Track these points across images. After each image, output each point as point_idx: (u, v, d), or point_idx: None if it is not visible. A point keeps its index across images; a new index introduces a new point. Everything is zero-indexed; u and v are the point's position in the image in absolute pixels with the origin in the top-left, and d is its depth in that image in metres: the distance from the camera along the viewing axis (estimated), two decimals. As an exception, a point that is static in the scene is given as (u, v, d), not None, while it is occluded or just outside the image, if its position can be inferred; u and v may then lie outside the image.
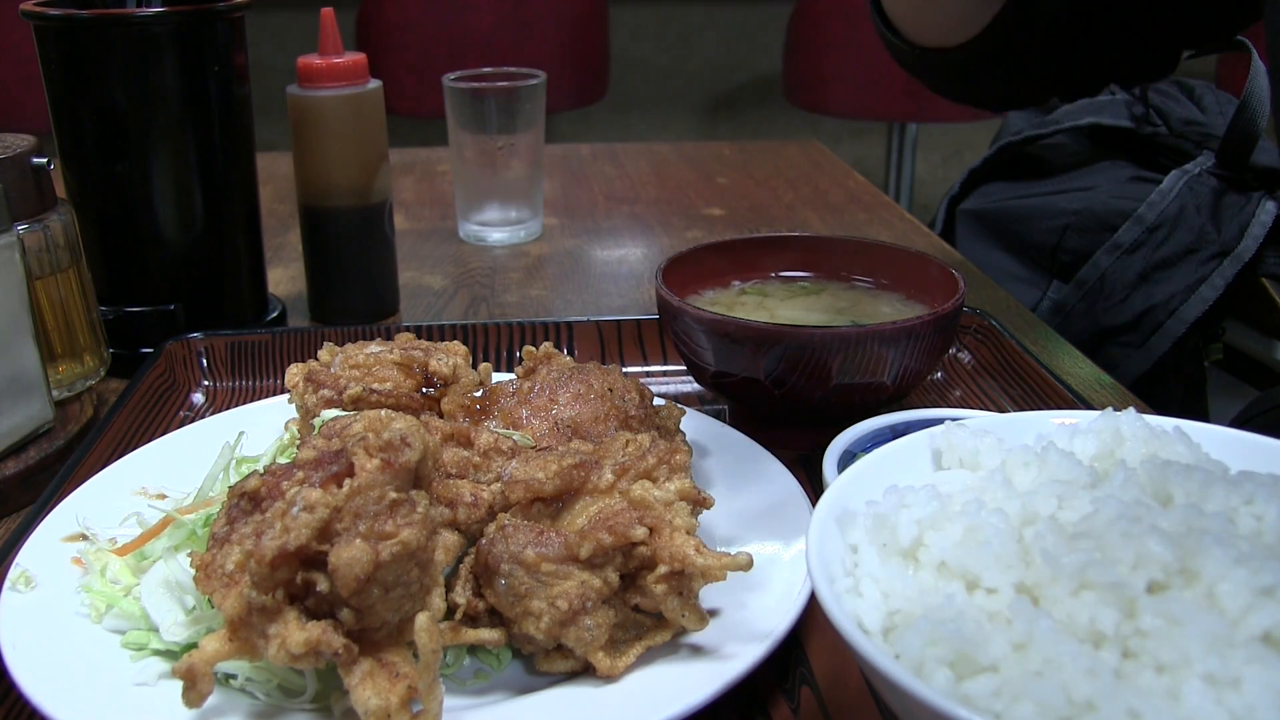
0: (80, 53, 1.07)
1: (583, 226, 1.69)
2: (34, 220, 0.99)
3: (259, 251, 1.24)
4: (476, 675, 0.68)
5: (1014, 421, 0.70)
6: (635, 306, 1.37)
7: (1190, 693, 0.46)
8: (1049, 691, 0.47)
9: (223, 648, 0.59)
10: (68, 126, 1.11)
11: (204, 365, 1.11)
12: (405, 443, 0.63)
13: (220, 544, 0.64)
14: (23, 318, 0.94)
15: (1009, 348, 1.08)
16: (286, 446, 0.86)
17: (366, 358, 0.86)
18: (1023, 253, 1.61)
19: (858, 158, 3.90)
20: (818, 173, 1.99)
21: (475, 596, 0.67)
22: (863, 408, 0.90)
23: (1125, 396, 1.09)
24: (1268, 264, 1.43)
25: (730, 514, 0.79)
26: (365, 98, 1.22)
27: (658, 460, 0.71)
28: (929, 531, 0.57)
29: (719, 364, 0.93)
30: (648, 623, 0.68)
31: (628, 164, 2.06)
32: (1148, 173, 1.54)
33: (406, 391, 0.84)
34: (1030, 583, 0.53)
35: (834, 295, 1.07)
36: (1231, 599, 0.49)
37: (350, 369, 0.85)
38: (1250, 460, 0.63)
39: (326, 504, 0.59)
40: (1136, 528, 0.52)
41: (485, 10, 3.11)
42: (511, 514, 0.69)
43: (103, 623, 0.70)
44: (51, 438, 0.98)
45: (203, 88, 1.11)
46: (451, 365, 0.85)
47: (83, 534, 0.78)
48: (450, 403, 0.83)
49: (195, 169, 1.13)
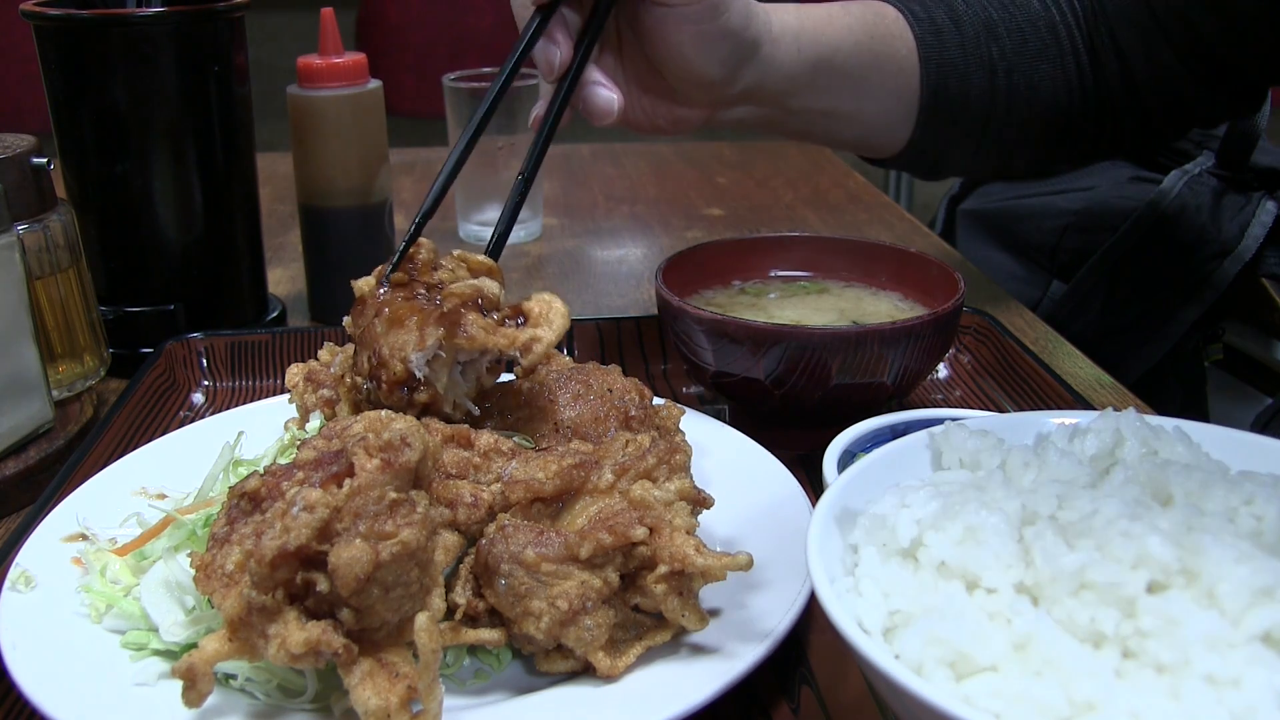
0: (80, 53, 1.07)
1: (583, 226, 1.69)
2: (34, 220, 0.99)
3: (259, 251, 1.24)
4: (476, 675, 0.68)
5: (1014, 421, 0.70)
6: (635, 306, 1.37)
7: (1190, 693, 0.46)
8: (1049, 691, 0.47)
9: (223, 648, 0.59)
10: (68, 126, 1.11)
11: (204, 365, 1.11)
12: (405, 443, 0.63)
13: (220, 544, 0.64)
14: (23, 318, 0.94)
15: (1009, 348, 1.08)
16: (287, 447, 0.86)
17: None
18: (1023, 253, 1.61)
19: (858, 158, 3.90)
20: (818, 173, 1.99)
21: (475, 596, 0.67)
22: (863, 408, 0.90)
23: (1125, 396, 1.09)
24: (1268, 264, 1.44)
25: (730, 514, 0.79)
26: (365, 98, 1.22)
27: (658, 460, 0.71)
28: (929, 531, 0.57)
29: (719, 364, 0.92)
30: (648, 623, 0.68)
31: (628, 164, 2.06)
32: (1148, 173, 1.54)
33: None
34: (1030, 583, 0.53)
35: (834, 295, 1.07)
36: (1231, 599, 0.49)
37: (322, 403, 0.85)
38: (1250, 460, 0.63)
39: (326, 504, 0.59)
40: (1136, 528, 0.52)
41: (485, 10, 3.12)
42: (511, 514, 0.69)
43: (103, 623, 0.70)
44: (51, 438, 0.98)
45: (203, 88, 1.11)
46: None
47: (83, 534, 0.78)
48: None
49: (195, 169, 1.13)
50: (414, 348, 0.74)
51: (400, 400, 0.75)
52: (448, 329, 0.74)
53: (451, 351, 0.75)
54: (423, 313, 0.76)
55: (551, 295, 0.79)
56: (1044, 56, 1.13)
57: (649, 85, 1.01)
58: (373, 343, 0.77)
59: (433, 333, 0.74)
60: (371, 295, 0.80)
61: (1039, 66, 1.13)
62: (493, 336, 0.75)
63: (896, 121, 1.13)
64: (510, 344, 0.75)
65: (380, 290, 0.80)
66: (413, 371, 0.75)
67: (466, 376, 0.78)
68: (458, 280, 0.80)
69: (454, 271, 0.82)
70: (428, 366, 0.75)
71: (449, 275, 0.81)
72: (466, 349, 0.75)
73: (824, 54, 1.03)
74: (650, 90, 1.01)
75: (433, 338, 0.74)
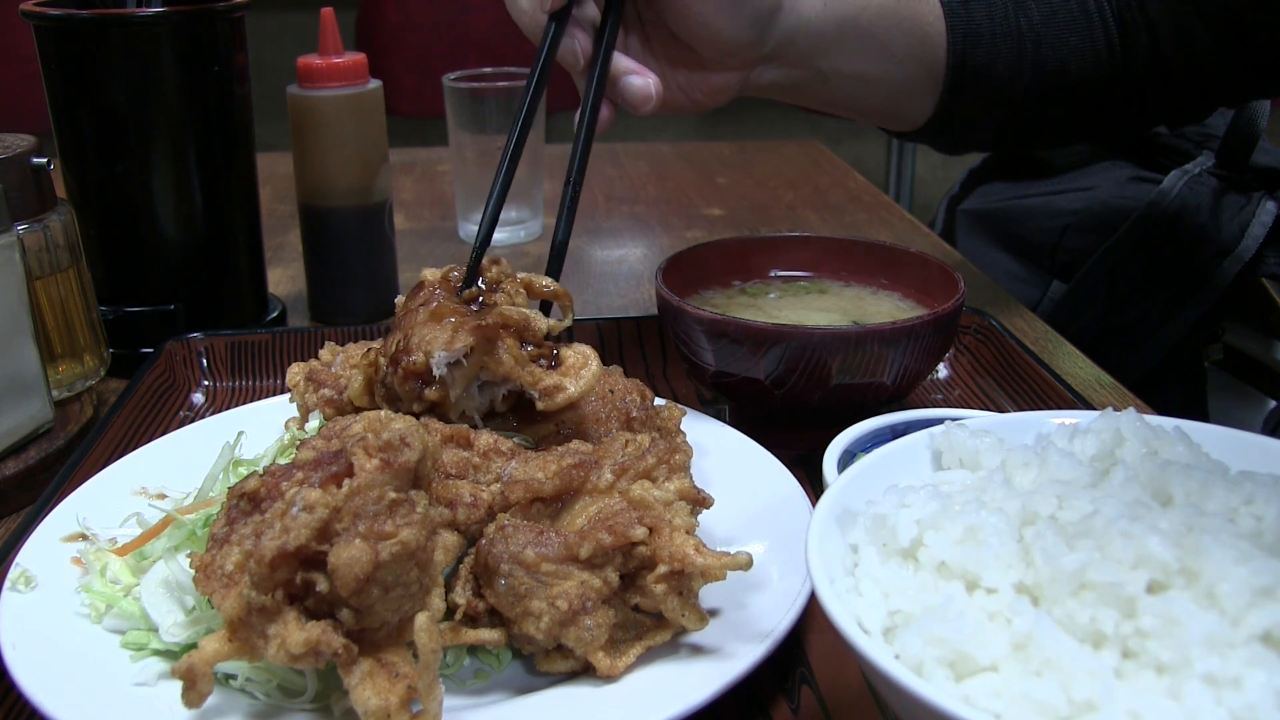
0: (80, 53, 1.07)
1: (583, 226, 1.68)
2: (34, 220, 0.99)
3: (259, 251, 1.24)
4: (476, 675, 0.68)
5: (1014, 421, 0.70)
6: (635, 306, 1.37)
7: (1190, 693, 0.46)
8: (1049, 691, 0.47)
9: (222, 648, 0.59)
10: (68, 126, 1.11)
11: (204, 365, 1.11)
12: (405, 443, 0.63)
13: (220, 544, 0.64)
14: (23, 318, 0.94)
15: (1009, 348, 1.08)
16: (287, 447, 0.86)
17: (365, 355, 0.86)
18: (1023, 253, 1.61)
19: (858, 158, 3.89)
20: (818, 173, 1.99)
21: (475, 596, 0.67)
22: (863, 408, 0.90)
23: (1125, 396, 1.09)
24: (1268, 264, 1.43)
25: (730, 514, 0.79)
26: (365, 98, 1.22)
27: (657, 460, 0.71)
28: (929, 531, 0.57)
29: (719, 364, 0.92)
30: (648, 623, 0.68)
31: (628, 164, 2.06)
32: (1148, 173, 1.54)
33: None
34: (1030, 583, 0.53)
35: (834, 295, 1.07)
36: (1231, 599, 0.49)
37: (351, 369, 0.85)
38: (1250, 460, 0.63)
39: (326, 504, 0.59)
40: (1136, 528, 0.52)
41: (485, 10, 3.11)
42: (511, 514, 0.69)
43: (103, 623, 0.70)
44: (51, 438, 0.98)
45: (203, 88, 1.11)
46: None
47: (83, 534, 0.78)
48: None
49: (195, 169, 1.13)
50: (441, 346, 0.75)
51: (411, 391, 0.76)
52: (479, 343, 0.75)
53: (475, 365, 0.75)
54: (463, 317, 0.76)
55: (591, 351, 0.79)
56: (1073, 28, 1.13)
57: (679, 60, 1.01)
58: (408, 328, 0.77)
59: (464, 339, 0.74)
60: (432, 286, 0.81)
61: (1068, 39, 1.13)
62: (519, 370, 0.75)
63: (923, 89, 1.13)
64: (534, 384, 0.76)
65: (437, 290, 0.80)
66: (431, 368, 0.75)
67: (483, 395, 0.78)
68: (514, 304, 0.81)
69: (511, 297, 0.83)
70: (447, 369, 0.75)
71: (505, 299, 0.82)
72: (491, 370, 0.75)
73: (850, 12, 1.03)
74: (681, 64, 1.01)
75: (462, 343, 0.74)
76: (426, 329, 0.76)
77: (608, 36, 0.94)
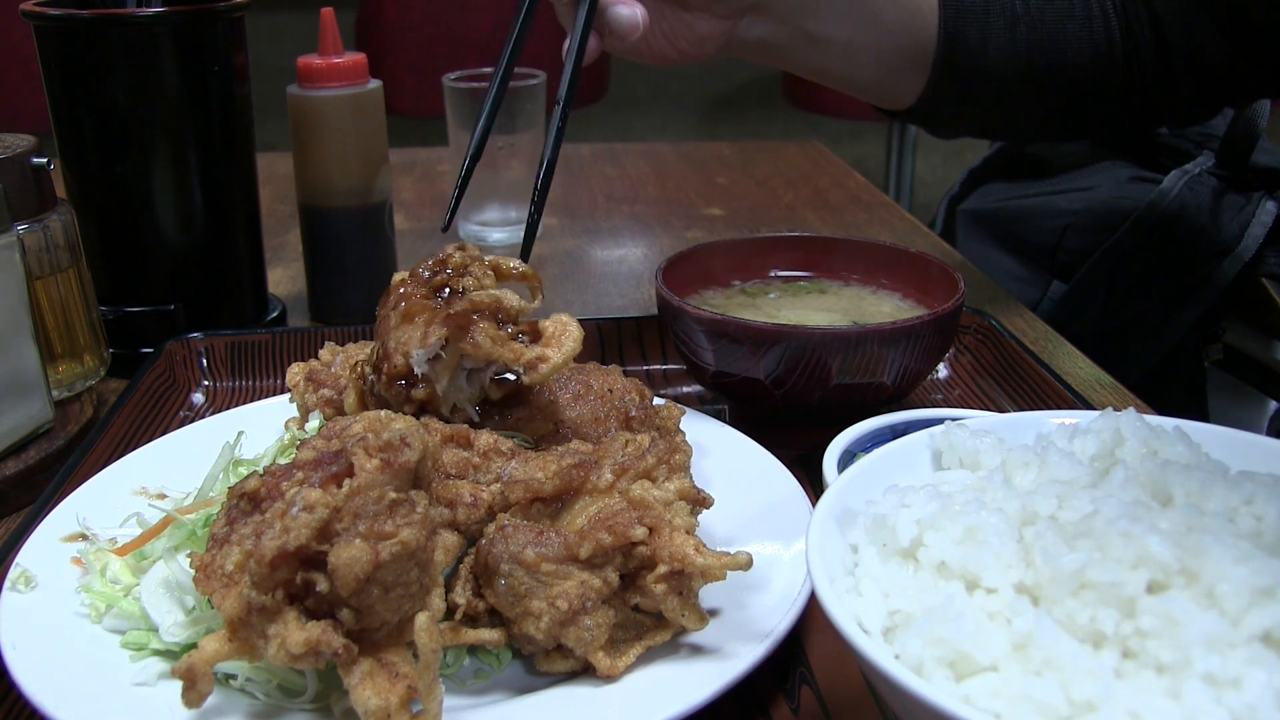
0: (80, 53, 1.07)
1: (583, 226, 1.69)
2: (34, 220, 0.99)
3: (259, 251, 1.24)
4: (476, 675, 0.68)
5: (1014, 421, 0.70)
6: (635, 306, 1.37)
7: (1190, 693, 0.46)
8: (1049, 691, 0.47)
9: (222, 648, 0.59)
10: (68, 126, 1.11)
11: (204, 365, 1.11)
12: (405, 443, 0.63)
13: (220, 544, 0.64)
14: (23, 318, 0.94)
15: (1009, 348, 1.08)
16: (287, 447, 0.86)
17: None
18: (1023, 253, 1.61)
19: (858, 158, 3.90)
20: (818, 173, 1.99)
21: (475, 596, 0.67)
22: (863, 408, 0.90)
23: (1125, 396, 1.09)
24: (1268, 264, 1.43)
25: (730, 514, 0.79)
26: (365, 98, 1.22)
27: (657, 460, 0.71)
28: (929, 531, 0.57)
29: (719, 364, 0.93)
30: (648, 623, 0.68)
31: (628, 164, 2.06)
32: (1148, 173, 1.54)
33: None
34: (1030, 583, 0.53)
35: (834, 295, 1.07)
36: (1231, 599, 0.49)
37: (344, 387, 0.85)
38: (1250, 460, 0.63)
39: (326, 504, 0.59)
40: (1136, 528, 0.52)
41: (485, 10, 3.11)
42: (511, 514, 0.69)
43: (103, 623, 0.70)
44: (51, 438, 0.98)
45: (203, 88, 1.11)
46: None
47: (83, 534, 0.78)
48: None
49: (195, 169, 1.13)
50: (417, 344, 0.74)
51: (398, 394, 0.76)
52: (452, 332, 0.75)
53: (455, 355, 0.75)
54: (433, 312, 0.76)
55: (569, 318, 0.79)
56: (1071, 17, 1.13)
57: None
58: (384, 334, 0.77)
59: (437, 332, 0.74)
60: (399, 286, 0.81)
61: (1065, 26, 1.12)
62: (499, 348, 0.75)
63: (913, 64, 1.13)
64: (516, 359, 0.75)
65: (404, 289, 0.80)
66: (412, 367, 0.75)
67: (471, 383, 0.78)
68: (482, 289, 0.80)
69: (480, 280, 0.82)
70: (429, 365, 0.75)
71: (474, 283, 0.82)
72: (471, 356, 0.75)
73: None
74: (668, 2, 1.03)
75: (436, 336, 0.74)
76: (400, 331, 0.76)
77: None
